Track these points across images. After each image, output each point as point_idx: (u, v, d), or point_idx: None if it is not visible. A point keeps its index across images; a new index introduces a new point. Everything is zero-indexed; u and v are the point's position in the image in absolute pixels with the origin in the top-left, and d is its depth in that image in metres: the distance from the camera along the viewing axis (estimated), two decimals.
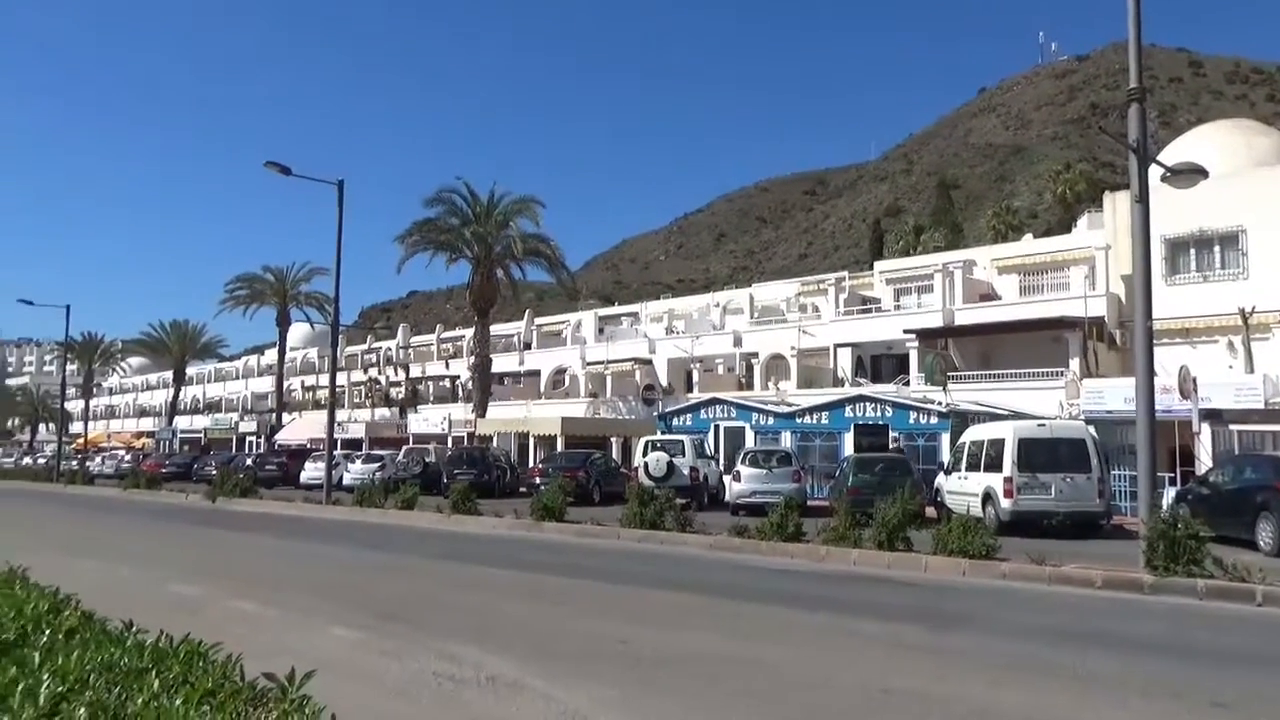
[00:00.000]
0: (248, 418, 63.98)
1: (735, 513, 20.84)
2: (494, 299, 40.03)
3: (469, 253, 38.95)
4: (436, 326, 67.26)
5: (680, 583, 11.16)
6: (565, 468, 25.50)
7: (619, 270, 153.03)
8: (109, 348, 79.73)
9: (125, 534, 18.87)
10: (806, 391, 34.18)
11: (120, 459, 50.94)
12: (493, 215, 38.66)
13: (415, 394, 53.08)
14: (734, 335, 40.58)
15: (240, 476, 29.87)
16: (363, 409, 54.89)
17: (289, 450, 42.83)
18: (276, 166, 24.99)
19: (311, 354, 68.43)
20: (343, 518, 22.44)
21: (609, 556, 14.39)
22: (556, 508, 18.43)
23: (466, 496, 20.61)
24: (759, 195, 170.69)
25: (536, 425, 36.13)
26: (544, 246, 39.57)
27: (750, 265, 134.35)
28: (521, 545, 16.03)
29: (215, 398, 74.98)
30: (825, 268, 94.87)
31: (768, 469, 21.87)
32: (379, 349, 64.85)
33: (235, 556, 14.52)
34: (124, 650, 4.01)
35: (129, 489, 34.21)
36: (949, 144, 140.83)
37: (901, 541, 13.33)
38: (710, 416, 30.45)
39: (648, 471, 23.11)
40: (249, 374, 74.63)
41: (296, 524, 21.00)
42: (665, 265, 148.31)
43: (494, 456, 30.92)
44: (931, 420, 25.71)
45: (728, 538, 15.09)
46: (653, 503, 16.78)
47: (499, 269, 39.79)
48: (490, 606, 9.43)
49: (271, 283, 55.99)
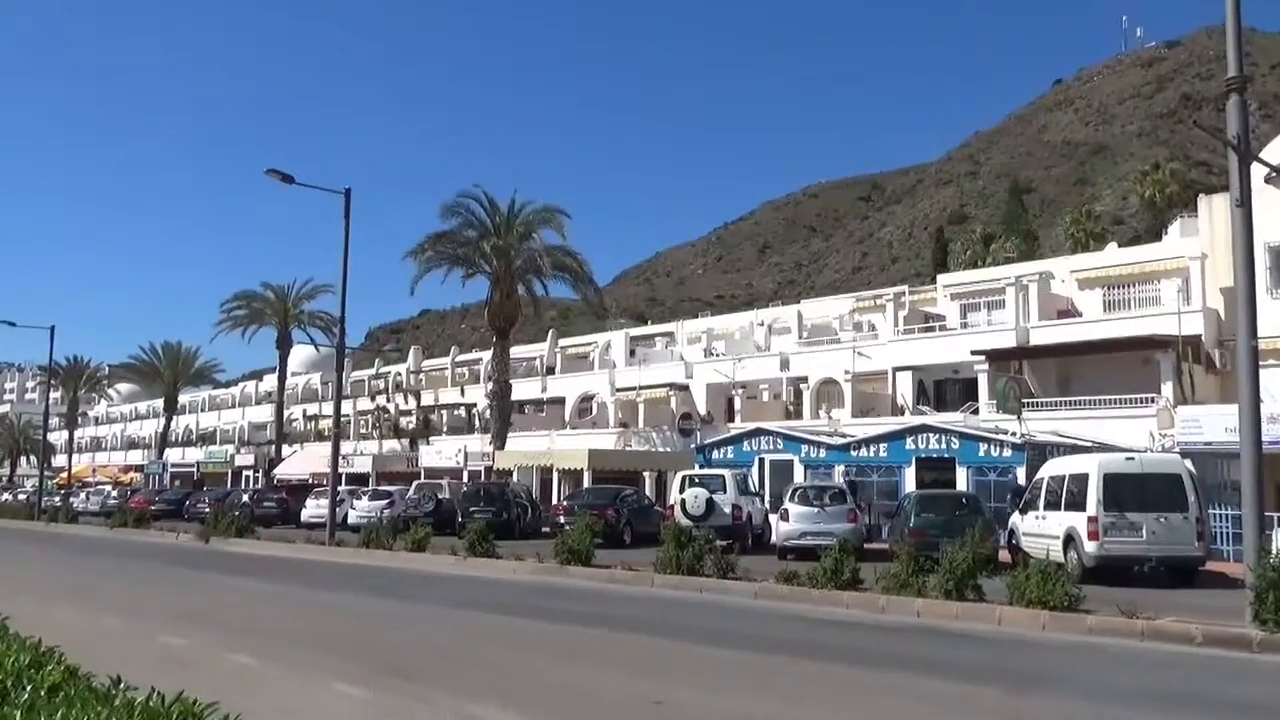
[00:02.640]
0: (244, 450, 64.77)
1: (783, 556, 20.79)
2: (514, 318, 40.32)
3: (487, 267, 39.32)
4: (451, 349, 67.86)
5: (722, 635, 11.08)
6: (593, 505, 25.51)
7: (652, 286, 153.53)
8: (95, 373, 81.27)
9: (111, 578, 19.11)
10: (862, 421, 33.96)
11: (106, 495, 51.76)
12: (514, 226, 39.02)
13: (427, 424, 53.46)
14: (780, 357, 40.46)
15: (236, 514, 30.23)
16: (370, 440, 55.37)
17: (289, 486, 43.30)
18: (278, 174, 25.46)
19: (314, 380, 69.21)
20: (347, 560, 22.56)
21: (642, 605, 14.31)
22: (583, 550, 18.42)
23: (483, 537, 20.67)
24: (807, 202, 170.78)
25: (561, 458, 36.18)
26: (570, 260, 39.85)
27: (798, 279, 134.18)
28: (544, 592, 16.00)
29: (209, 428, 76.03)
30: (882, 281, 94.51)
31: (819, 507, 21.79)
32: (388, 374, 65.46)
33: (231, 603, 14.64)
34: (112, 710, 4.05)
35: (116, 528, 34.71)
36: (1021, 142, 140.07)
37: (971, 590, 13.18)
38: (754, 448, 30.31)
39: (685, 510, 23.04)
40: (246, 402, 75.64)
41: (297, 567, 21.13)
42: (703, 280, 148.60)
43: (514, 493, 30.99)
44: (1004, 453, 25.42)
45: (774, 584, 14.99)
46: (690, 545, 16.71)
47: (520, 285, 40.11)
48: (510, 661, 9.43)
49: (272, 301, 56.82)
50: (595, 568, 18.12)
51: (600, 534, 19.95)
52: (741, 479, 25.60)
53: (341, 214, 26.25)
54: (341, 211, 26.23)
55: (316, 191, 26.72)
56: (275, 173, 25.46)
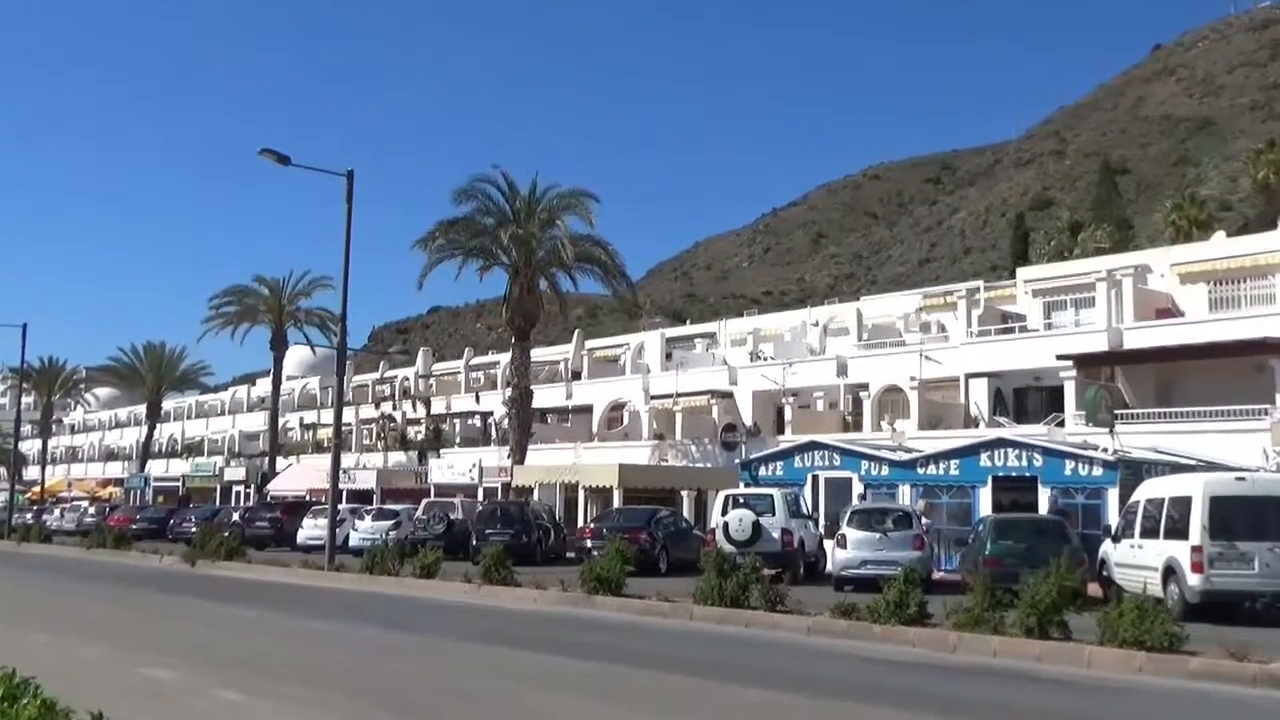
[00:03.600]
0: (235, 462, 65.49)
1: (839, 587, 20.71)
2: (536, 316, 40.52)
3: (505, 259, 39.53)
4: (465, 351, 68.38)
5: (771, 676, 11.05)
6: (624, 528, 25.60)
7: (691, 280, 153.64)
8: (71, 376, 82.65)
9: (90, 603, 19.42)
10: (931, 434, 33.79)
11: (83, 512, 52.62)
12: (535, 213, 39.22)
13: (438, 435, 53.80)
14: (837, 362, 40.32)
15: (225, 535, 30.61)
16: (374, 453, 55.82)
17: (284, 503, 43.73)
18: (273, 155, 25.82)
19: (313, 384, 69.95)
20: (349, 587, 22.75)
21: (679, 640, 14.29)
22: (613, 578, 18.46)
23: (501, 563, 20.77)
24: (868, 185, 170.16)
25: (588, 474, 36.28)
26: (598, 251, 39.97)
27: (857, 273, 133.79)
28: (568, 624, 16.04)
29: (196, 437, 77.03)
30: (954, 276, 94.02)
31: (881, 532, 21.73)
32: (394, 379, 66.02)
33: (219, 633, 14.83)
34: None
35: (93, 548, 35.27)
36: (1114, 117, 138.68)
37: (1056, 627, 13.07)
38: (807, 464, 30.20)
39: (728, 534, 23.05)
40: (237, 409, 76.61)
41: (292, 594, 21.33)
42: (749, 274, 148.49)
43: (535, 513, 31.13)
44: (1094, 471, 25.15)
45: (830, 619, 14.95)
46: (734, 573, 16.69)
47: (542, 279, 40.30)
48: (526, 701, 9.46)
49: (265, 297, 57.54)
50: (627, 598, 18.14)
51: (632, 560, 19.87)
52: (792, 499, 25.56)
53: (343, 199, 26.55)
54: (343, 196, 26.53)
55: (315, 176, 27.10)
56: (270, 153, 25.80)
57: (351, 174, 26.60)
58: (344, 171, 26.64)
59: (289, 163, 26.11)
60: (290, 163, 26.12)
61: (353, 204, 26.64)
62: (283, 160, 25.99)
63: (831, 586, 21.04)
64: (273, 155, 25.83)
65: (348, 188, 26.52)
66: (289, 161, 26.10)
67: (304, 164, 26.82)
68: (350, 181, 26.56)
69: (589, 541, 26.43)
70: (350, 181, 26.56)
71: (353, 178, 26.59)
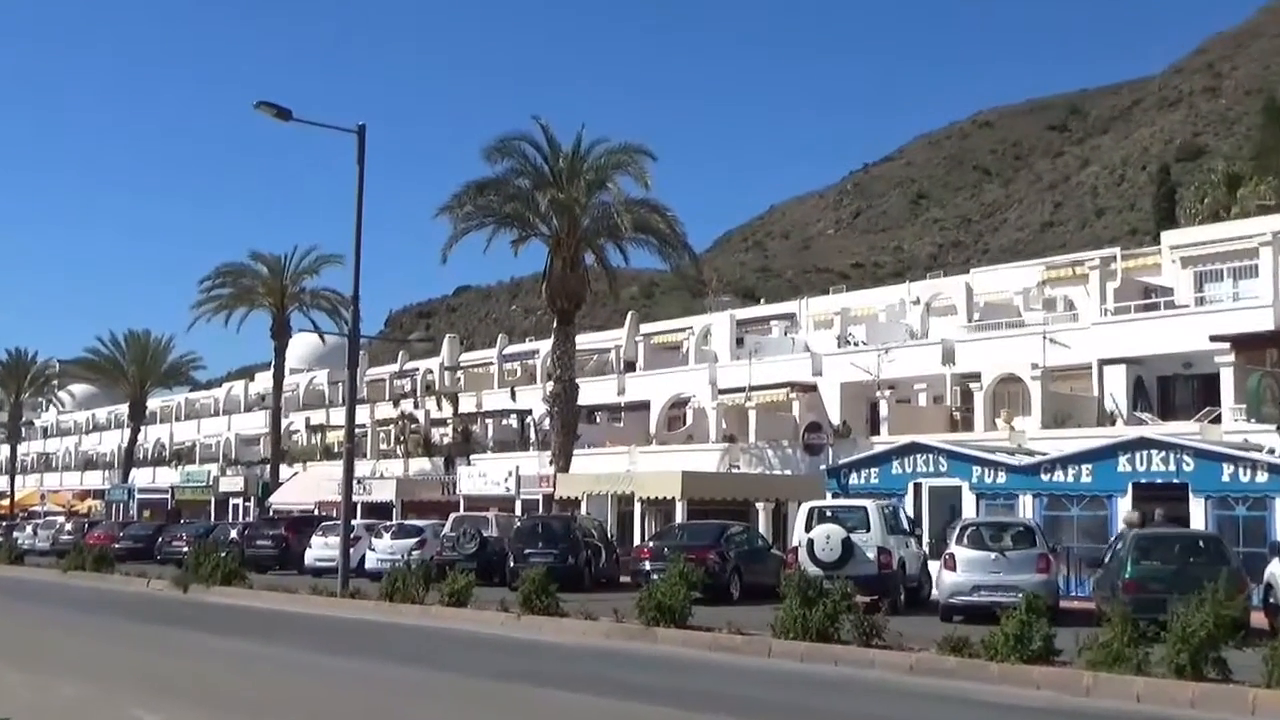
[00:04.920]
0: (231, 471, 66.52)
1: (948, 617, 20.64)
2: (582, 296, 40.58)
3: (545, 228, 39.64)
4: (497, 338, 68.73)
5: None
6: (689, 547, 25.47)
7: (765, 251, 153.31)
8: (43, 370, 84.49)
9: (68, 635, 19.83)
10: (1057, 433, 33.44)
11: (59, 529, 53.62)
12: (581, 173, 39.24)
13: (467, 437, 54.20)
14: (942, 347, 39.97)
15: (222, 556, 31.01)
16: (393, 459, 56.37)
17: (289, 518, 44.29)
18: (272, 109, 26.13)
19: (320, 379, 70.73)
20: (366, 617, 23.00)
21: (756, 681, 14.29)
22: (676, 607, 18.49)
23: (543, 589, 20.86)
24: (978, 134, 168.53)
25: (645, 484, 36.31)
26: (655, 217, 39.91)
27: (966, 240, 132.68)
28: (624, 661, 16.09)
29: (186, 442, 78.31)
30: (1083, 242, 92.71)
31: (998, 551, 21.61)
32: (415, 372, 66.54)
33: (217, 671, 15.08)
34: None
35: (71, 571, 36.00)
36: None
37: (1213, 666, 12.97)
38: (907, 470, 30.05)
39: (813, 554, 23.01)
40: (233, 408, 77.78)
41: (300, 625, 21.62)
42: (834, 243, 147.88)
43: (582, 530, 31.23)
44: (1258, 477, 24.75)
45: (937, 656, 14.93)
46: (821, 601, 16.68)
47: (589, 251, 40.32)
48: None
49: (265, 277, 58.27)
50: (692, 630, 18.18)
51: (699, 585, 19.95)
52: (890, 512, 25.42)
53: (353, 160, 26.80)
54: (353, 158, 26.78)
55: (321, 137, 27.42)
56: (268, 106, 26.10)
57: (363, 129, 26.83)
58: (354, 127, 26.90)
59: (290, 117, 26.37)
60: (292, 117, 26.39)
61: (364, 165, 26.89)
62: (283, 115, 26.26)
63: (938, 616, 20.96)
64: (272, 109, 26.12)
65: (358, 146, 26.75)
66: (290, 116, 26.36)
67: (307, 119, 27.12)
68: (361, 139, 26.78)
69: (647, 563, 26.43)
70: (361, 139, 26.78)
71: (364, 134, 26.81)
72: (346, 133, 27.06)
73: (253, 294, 58.77)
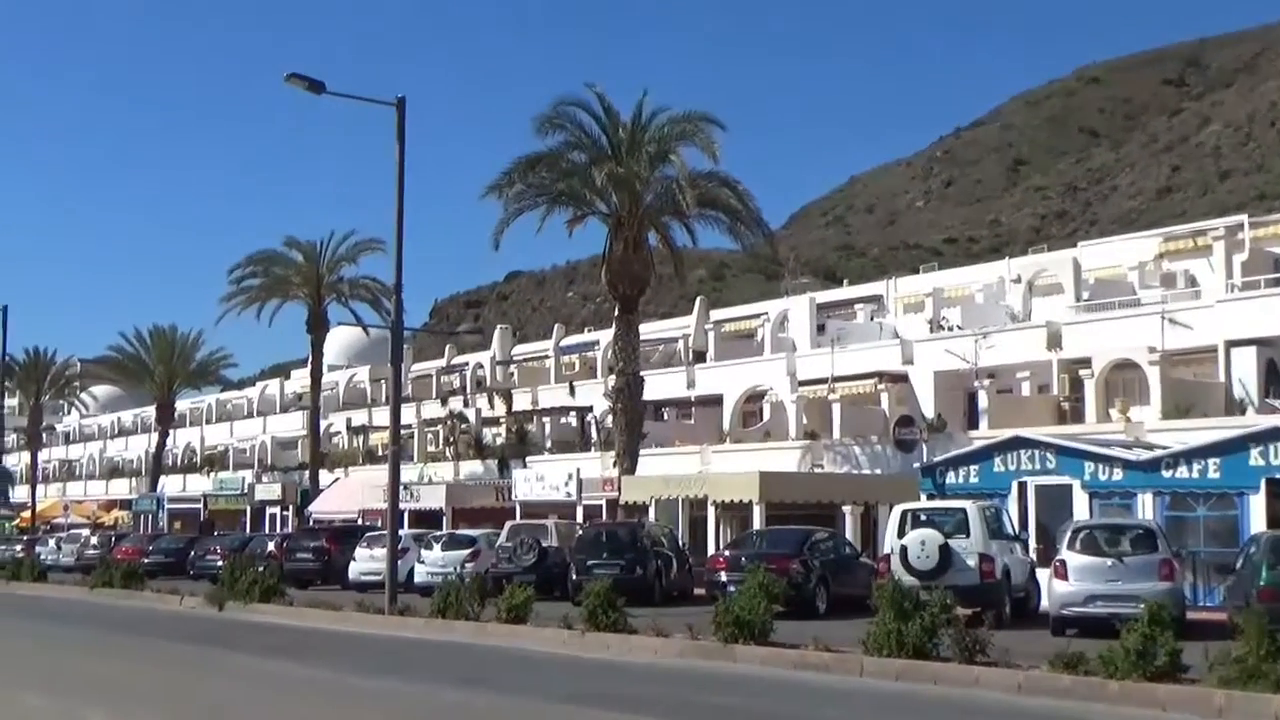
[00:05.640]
0: (267, 477, 67.35)
1: (1059, 631, 20.61)
2: (646, 280, 40.55)
3: (604, 206, 39.68)
4: (553, 328, 68.87)
5: None
6: (769, 556, 25.54)
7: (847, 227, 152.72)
8: (64, 371, 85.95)
9: (96, 657, 20.19)
10: (1179, 423, 33.10)
11: (84, 542, 54.66)
12: (642, 145, 39.21)
13: (523, 438, 54.46)
14: (1048, 330, 39.60)
15: (260, 570, 31.44)
16: (442, 462, 56.80)
17: (330, 529, 44.82)
18: (303, 81, 26.37)
19: (361, 375, 71.45)
20: (416, 635, 23.28)
21: (846, 703, 14.29)
22: (756, 621, 18.53)
23: (610, 603, 20.97)
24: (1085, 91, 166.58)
25: (719, 486, 36.31)
26: (725, 192, 39.83)
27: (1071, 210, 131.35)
28: (699, 682, 16.13)
29: (218, 446, 79.46)
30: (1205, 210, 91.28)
31: (1115, 557, 21.48)
32: (464, 367, 66.96)
33: (256, 696, 15.31)
34: None
35: (97, 588, 36.69)
36: None
37: None
38: (1011, 468, 29.83)
39: (907, 562, 22.98)
40: (268, 409, 78.73)
41: (346, 645, 21.91)
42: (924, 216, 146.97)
43: (650, 538, 31.31)
44: None
45: (1049, 673, 14.87)
46: (918, 614, 16.69)
47: (652, 231, 40.29)
48: None
49: (299, 265, 58.77)
50: (774, 647, 18.22)
51: (781, 598, 19.99)
52: (992, 515, 25.29)
53: (393, 137, 27.01)
54: (393, 134, 26.99)
55: (356, 113, 28.16)
56: (300, 79, 26.34)
57: (402, 102, 27.04)
58: (393, 100, 27.09)
59: (323, 90, 26.63)
60: (325, 90, 26.64)
61: (405, 142, 27.13)
62: (315, 88, 26.50)
63: (1048, 630, 20.89)
64: (303, 82, 26.38)
65: (398, 120, 26.97)
66: (323, 89, 26.61)
67: (342, 92, 27.36)
68: (401, 112, 27.00)
69: (723, 574, 26.50)
70: (401, 112, 27.00)
71: (404, 107, 27.04)
72: (385, 106, 27.30)
73: (287, 284, 59.28)
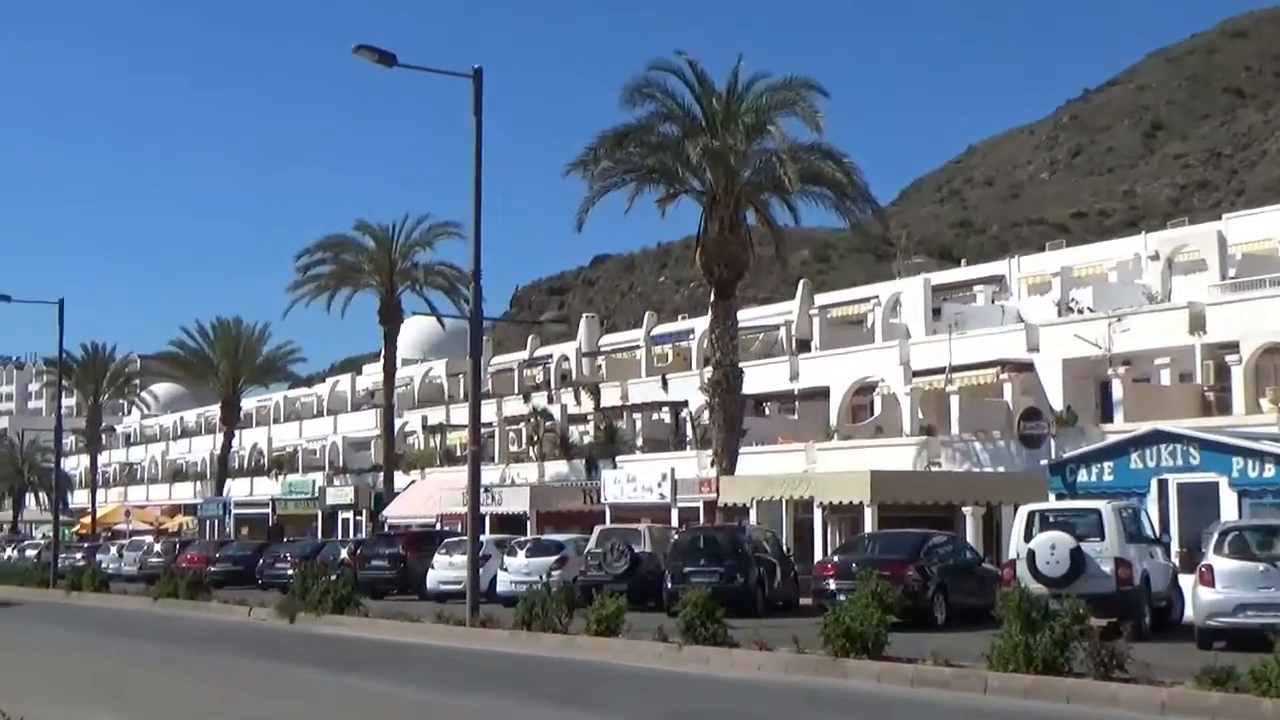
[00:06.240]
0: (339, 480, 68.28)
1: (1206, 643, 20.37)
2: (744, 262, 40.45)
3: (698, 183, 39.66)
4: (644, 316, 69.10)
5: None
6: (882, 561, 25.58)
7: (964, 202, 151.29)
8: (124, 368, 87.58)
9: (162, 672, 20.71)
10: None
11: (147, 550, 55.97)
12: (738, 115, 39.14)
13: (612, 436, 54.66)
14: (1190, 312, 39.00)
15: (333, 579, 31.93)
16: (525, 463, 57.19)
17: (407, 535, 45.35)
18: (372, 53, 26.60)
19: (438, 370, 72.10)
20: (499, 649, 23.49)
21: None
22: (869, 633, 18.46)
23: (709, 614, 21.00)
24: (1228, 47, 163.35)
25: (826, 486, 36.19)
26: (830, 165, 39.59)
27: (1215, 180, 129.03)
28: (811, 700, 16.16)
29: (286, 447, 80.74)
30: None
31: (1268, 563, 21.14)
32: (548, 359, 67.29)
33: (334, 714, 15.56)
34: None
35: (161, 598, 37.51)
36: None
37: None
38: (1150, 465, 29.44)
39: (1035, 567, 22.82)
40: (338, 406, 79.85)
41: (425, 659, 22.23)
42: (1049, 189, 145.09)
43: (753, 543, 31.27)
44: None
45: (1195, 690, 14.75)
46: (1047, 625, 16.57)
47: (750, 209, 40.23)
48: None
49: (371, 251, 59.42)
50: (889, 661, 18.17)
51: (896, 607, 19.93)
52: (1129, 516, 25.03)
53: (469, 110, 27.16)
54: (469, 108, 27.15)
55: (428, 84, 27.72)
56: (368, 51, 26.58)
57: (479, 74, 27.19)
58: (468, 71, 27.26)
59: (394, 63, 26.86)
60: (396, 63, 26.88)
61: (482, 116, 27.25)
62: (386, 60, 26.73)
63: (1193, 643, 20.63)
64: (373, 54, 26.59)
65: (475, 93, 27.13)
66: (394, 61, 26.84)
67: (414, 64, 27.58)
68: (478, 85, 27.16)
69: (832, 582, 26.51)
70: (478, 85, 27.16)
71: (481, 79, 27.18)
72: (460, 78, 27.46)
73: (358, 272, 60.01)
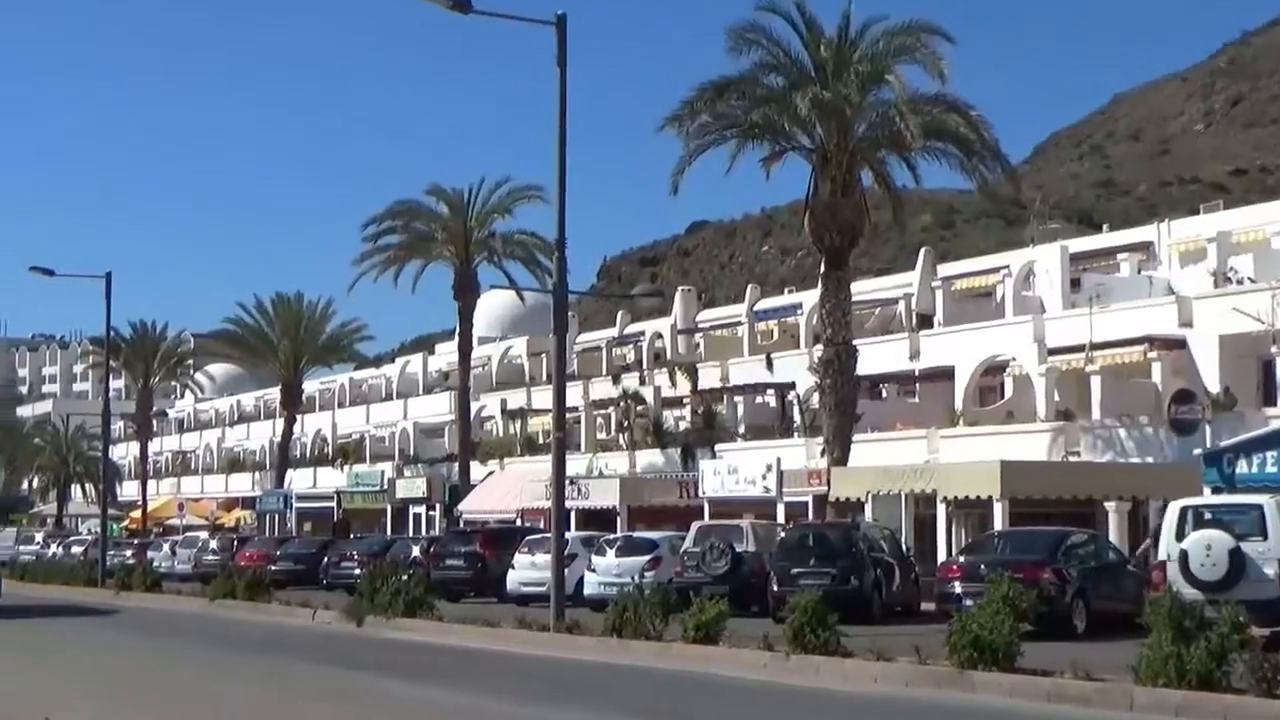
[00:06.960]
0: (410, 471, 68.66)
1: None
2: (858, 228, 40.13)
3: (806, 140, 39.45)
4: (746, 290, 68.83)
5: None
6: (1014, 563, 25.37)
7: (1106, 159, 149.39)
8: (176, 348, 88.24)
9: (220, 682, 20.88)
10: None
11: (202, 547, 56.76)
12: (852, 64, 38.80)
13: (710, 422, 54.60)
14: None
15: (404, 580, 32.10)
16: (614, 452, 57.22)
17: (484, 531, 45.51)
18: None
19: (518, 348, 72.30)
20: (587, 657, 23.48)
21: None
22: (1000, 643, 18.33)
23: (820, 620, 20.90)
24: None
25: (950, 479, 35.96)
26: (955, 119, 39.11)
27: None
28: (933, 716, 16.13)
29: (353, 434, 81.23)
30: None
31: None
32: (640, 337, 67.26)
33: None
34: None
35: (218, 599, 38.02)
36: None
37: None
38: None
39: (1188, 570, 22.58)
40: (409, 390, 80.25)
41: (506, 668, 22.29)
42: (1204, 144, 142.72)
43: (868, 541, 31.21)
44: None
45: None
46: (1202, 634, 16.33)
47: (866, 168, 39.92)
48: None
49: (444, 218, 59.55)
50: (1022, 673, 18.04)
51: (1030, 614, 19.75)
52: None
53: (553, 62, 27.15)
54: (552, 59, 27.14)
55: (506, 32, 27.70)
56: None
57: (563, 20, 27.15)
58: (551, 18, 27.23)
59: (469, 9, 26.85)
60: (471, 9, 26.87)
61: (566, 68, 27.24)
62: (460, 6, 26.71)
63: None
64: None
65: (558, 42, 27.13)
66: (469, 8, 26.82)
67: (490, 10, 27.54)
68: (562, 32, 27.14)
69: (957, 585, 26.44)
70: (562, 32, 27.14)
71: (564, 26, 27.15)
72: (542, 25, 27.45)
73: (430, 241, 60.23)
